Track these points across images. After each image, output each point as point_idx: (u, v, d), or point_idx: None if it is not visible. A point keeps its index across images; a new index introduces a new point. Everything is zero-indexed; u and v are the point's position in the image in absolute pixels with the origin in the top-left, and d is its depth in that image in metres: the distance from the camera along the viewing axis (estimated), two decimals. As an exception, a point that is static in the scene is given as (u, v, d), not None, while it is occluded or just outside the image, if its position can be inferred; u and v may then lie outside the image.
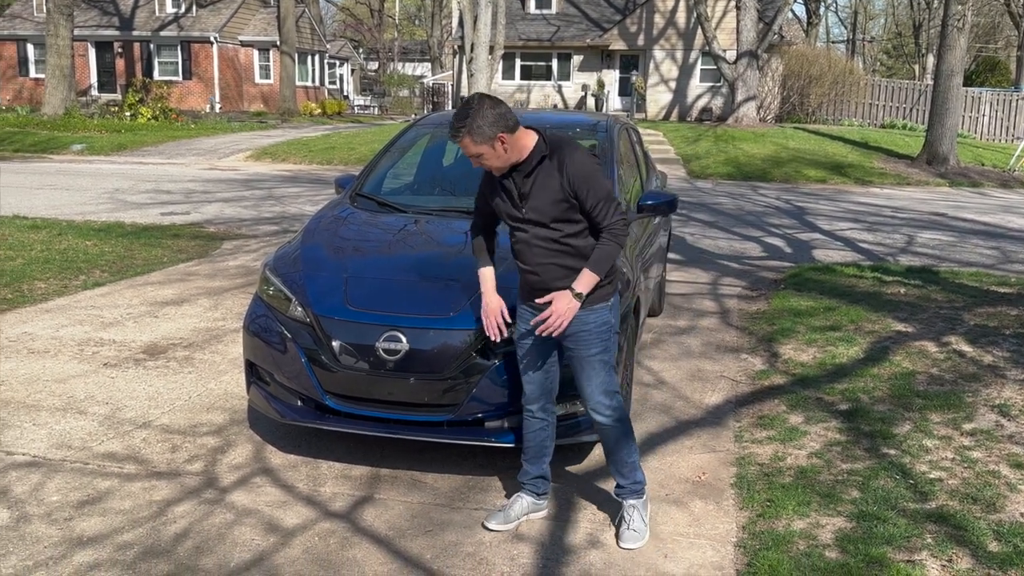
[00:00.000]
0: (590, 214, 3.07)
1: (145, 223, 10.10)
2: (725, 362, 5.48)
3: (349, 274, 3.87)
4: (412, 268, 3.93)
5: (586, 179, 3.03)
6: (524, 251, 3.16)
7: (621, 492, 3.38)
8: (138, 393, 4.72)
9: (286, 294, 3.87)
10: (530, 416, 3.40)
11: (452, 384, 3.51)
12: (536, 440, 3.44)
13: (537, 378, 3.32)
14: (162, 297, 6.71)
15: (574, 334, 3.17)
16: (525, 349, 3.30)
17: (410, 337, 3.52)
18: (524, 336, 3.30)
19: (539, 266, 3.13)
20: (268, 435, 4.23)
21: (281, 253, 4.27)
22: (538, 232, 3.11)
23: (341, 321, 3.62)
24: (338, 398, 3.65)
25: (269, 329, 3.85)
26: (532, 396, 3.35)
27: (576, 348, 3.18)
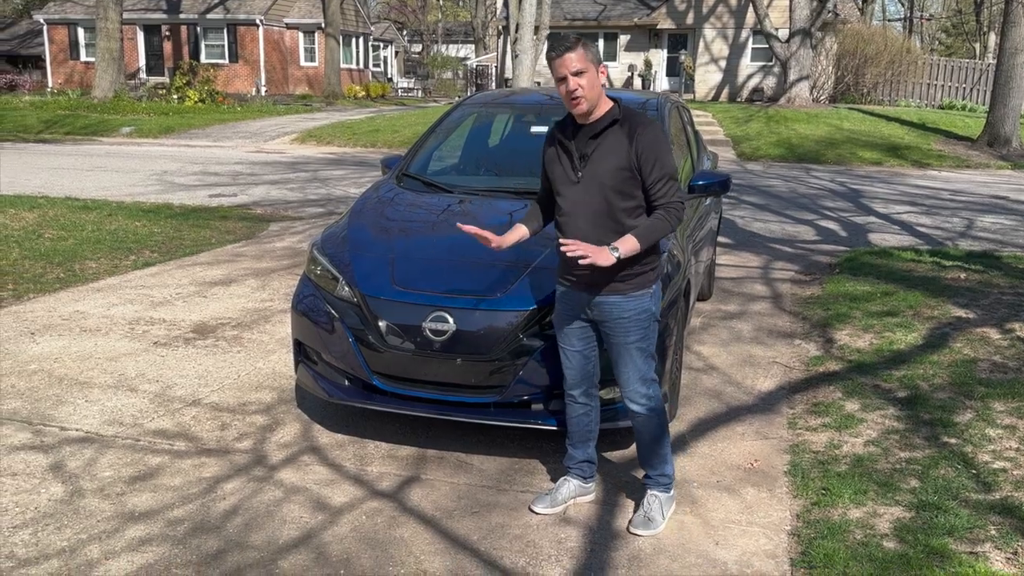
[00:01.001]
0: (649, 190, 3.01)
1: (193, 204, 10.27)
2: (777, 348, 5.41)
3: (396, 254, 3.91)
4: (458, 248, 3.94)
5: (655, 151, 2.98)
6: (570, 222, 3.09)
7: (648, 482, 3.37)
8: (188, 372, 4.80)
9: (333, 274, 3.90)
10: (572, 401, 3.39)
11: (499, 366, 3.53)
12: (580, 425, 3.43)
13: (576, 363, 3.30)
14: (210, 277, 6.81)
15: (612, 320, 3.14)
16: (563, 333, 3.28)
17: (457, 318, 3.54)
18: (562, 319, 3.28)
19: (583, 239, 3.06)
20: (315, 414, 4.27)
21: (328, 233, 4.31)
22: (590, 201, 3.05)
23: (388, 301, 3.65)
24: (385, 378, 3.68)
25: (316, 309, 3.89)
26: (573, 381, 3.34)
27: (614, 335, 3.15)
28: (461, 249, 3.92)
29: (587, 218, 3.06)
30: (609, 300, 3.11)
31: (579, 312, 3.21)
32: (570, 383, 3.34)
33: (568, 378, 3.34)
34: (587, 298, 3.15)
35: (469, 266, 3.80)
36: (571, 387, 3.35)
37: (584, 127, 3.05)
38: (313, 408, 4.33)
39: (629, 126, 3.01)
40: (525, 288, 3.61)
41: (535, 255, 3.79)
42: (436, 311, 3.56)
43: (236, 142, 18.78)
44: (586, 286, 3.11)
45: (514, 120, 5.38)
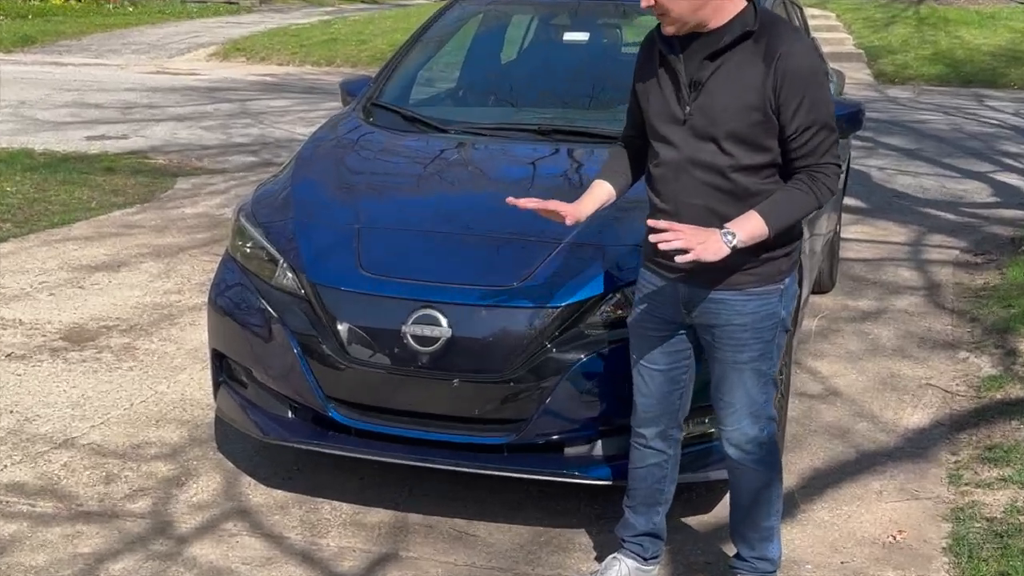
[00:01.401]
0: (791, 140, 2.95)
1: (64, 151, 10.29)
2: (934, 363, 5.38)
3: (363, 224, 3.93)
4: (456, 216, 3.96)
5: (805, 84, 2.93)
6: (667, 178, 3.09)
7: (740, 567, 3.39)
8: (56, 398, 4.82)
9: (270, 253, 3.93)
10: (640, 445, 3.41)
11: (516, 390, 3.56)
12: (647, 480, 3.45)
13: (657, 388, 3.31)
14: (90, 259, 6.84)
15: (722, 327, 3.12)
16: (642, 339, 3.30)
17: (453, 318, 3.55)
18: (642, 322, 3.29)
19: (682, 205, 3.06)
20: (245, 461, 4.29)
21: (262, 194, 4.34)
22: (699, 151, 3.01)
23: (351, 294, 3.68)
24: (347, 408, 3.71)
25: (245, 305, 3.93)
26: (647, 415, 3.36)
27: (722, 348, 3.16)
28: (460, 217, 3.93)
29: (693, 176, 3.03)
30: (721, 297, 3.10)
31: (672, 313, 3.20)
32: (642, 418, 3.37)
33: (640, 410, 3.36)
34: (687, 292, 3.13)
35: (472, 242, 3.84)
36: (642, 423, 3.37)
37: (699, 38, 2.98)
38: (241, 452, 4.36)
39: (768, 42, 2.93)
40: (555, 274, 3.63)
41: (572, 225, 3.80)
42: (423, 308, 3.58)
43: (127, 58, 18.83)
44: (688, 274, 3.09)
45: (539, 23, 5.42)
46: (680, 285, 3.13)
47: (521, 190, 4.04)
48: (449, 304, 3.58)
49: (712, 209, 3.01)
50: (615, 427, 3.55)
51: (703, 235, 2.88)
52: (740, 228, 2.92)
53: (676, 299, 3.17)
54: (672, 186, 3.07)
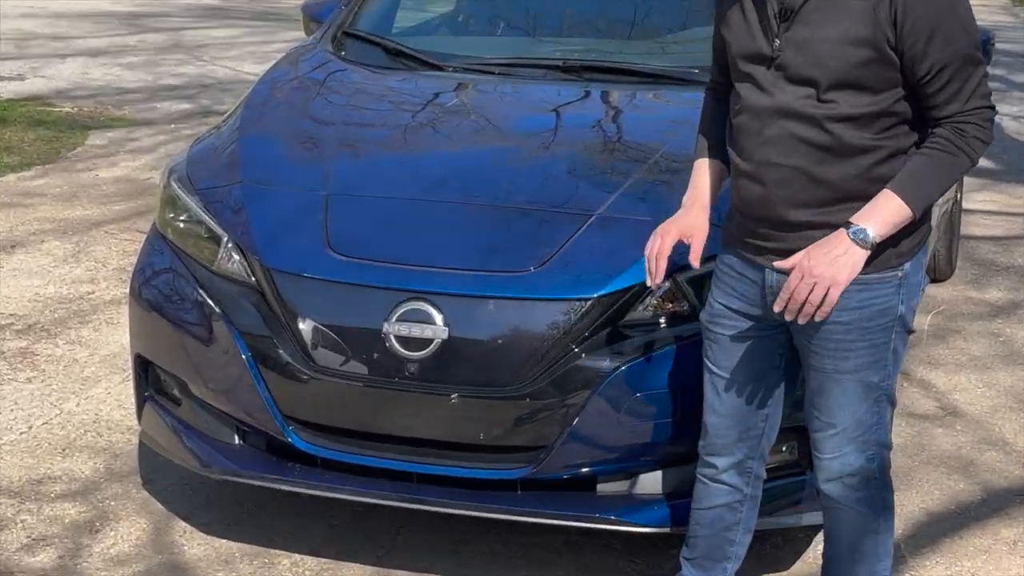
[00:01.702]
0: (924, 84, 2.91)
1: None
2: (1087, 375, 5.37)
3: (332, 190, 3.97)
4: (455, 180, 3.98)
5: (935, 9, 2.90)
6: (750, 130, 3.09)
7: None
8: (-69, 418, 4.82)
9: (211, 229, 3.95)
10: (708, 479, 3.42)
11: (533, 407, 3.57)
12: (715, 526, 3.45)
13: (735, 404, 3.32)
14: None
15: (822, 324, 3.08)
16: (719, 341, 3.31)
17: (450, 314, 3.56)
18: (719, 319, 3.30)
19: (767, 166, 3.05)
20: (178, 501, 4.29)
21: (201, 152, 4.37)
22: (791, 96, 3.02)
23: (317, 282, 3.70)
24: (312, 432, 3.72)
25: (179, 298, 3.95)
26: (720, 440, 3.37)
27: (821, 351, 3.15)
28: (461, 180, 3.97)
29: (783, 129, 3.03)
30: None
31: (759, 307, 3.21)
32: (714, 444, 3.37)
33: (711, 433, 3.36)
34: (779, 281, 3.08)
35: (476, 214, 3.88)
36: (713, 450, 3.38)
37: None
38: (174, 489, 4.36)
39: None
40: (585, 255, 3.66)
41: (605, 190, 3.83)
42: (411, 301, 3.58)
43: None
44: (778, 256, 3.08)
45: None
46: (769, 272, 3.12)
47: (540, 146, 4.12)
48: (445, 295, 3.58)
49: (805, 171, 3.00)
50: (667, 456, 3.58)
51: (824, 259, 2.90)
52: (872, 219, 2.92)
53: (764, 289, 3.16)
54: (755, 141, 3.06)
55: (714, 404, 3.33)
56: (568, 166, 3.78)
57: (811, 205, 3.01)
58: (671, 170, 3.53)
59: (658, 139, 4.16)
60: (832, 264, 2.89)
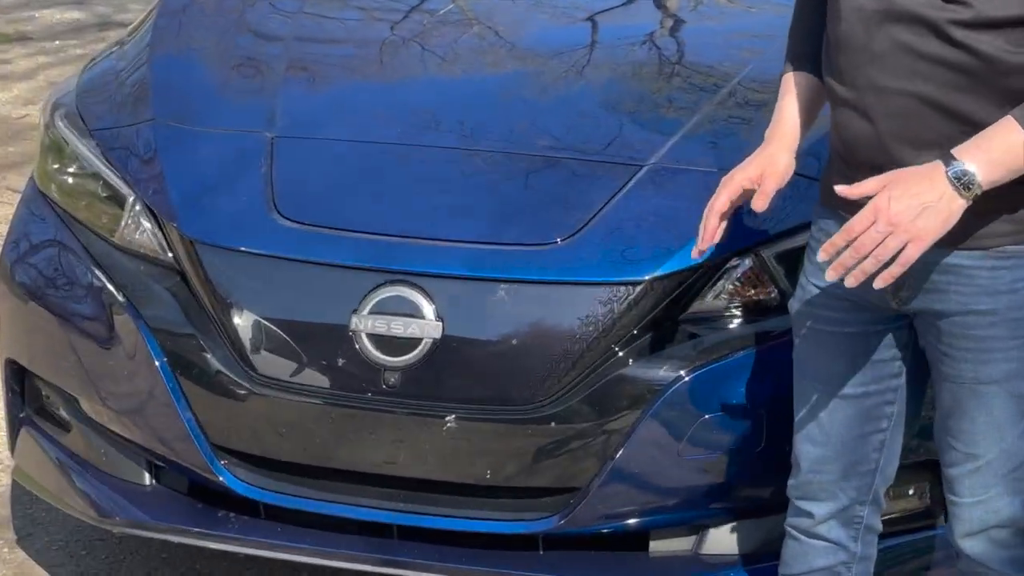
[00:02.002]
0: None
1: None
2: None
3: (279, 131, 3.96)
4: (452, 118, 4.04)
5: None
6: (852, 46, 3.05)
7: None
8: None
9: (111, 185, 3.94)
10: (803, 532, 3.38)
11: (560, 434, 3.54)
12: None
13: (839, 427, 3.27)
14: None
15: (954, 315, 3.09)
16: (816, 340, 3.28)
17: (445, 303, 3.54)
18: (816, 306, 3.26)
19: (875, 92, 3.01)
20: (67, 565, 4.34)
21: (96, 78, 4.41)
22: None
23: (260, 260, 3.69)
24: (251, 468, 3.71)
25: (66, 281, 3.93)
26: (818, 477, 3.33)
27: (954, 353, 3.11)
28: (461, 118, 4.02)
29: (895, 41, 3.00)
30: (953, 263, 3.05)
31: (870, 294, 3.14)
32: (808, 482, 3.34)
33: (805, 466, 3.32)
34: None
35: (480, 166, 3.88)
36: (809, 493, 3.34)
37: None
38: (60, 549, 4.40)
39: None
40: (628, 223, 3.64)
41: (658, 134, 3.80)
42: (389, 285, 3.55)
43: None
44: None
45: None
46: None
47: (569, 70, 4.10)
48: (438, 278, 3.56)
49: (928, 100, 2.95)
50: (748, 503, 3.57)
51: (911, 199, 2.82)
52: (980, 156, 2.84)
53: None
54: (859, 59, 3.02)
55: (809, 428, 3.28)
56: (609, 98, 3.77)
57: (936, 147, 2.95)
58: (753, 103, 3.54)
59: (735, 60, 4.17)
60: (920, 213, 2.83)
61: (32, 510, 4.44)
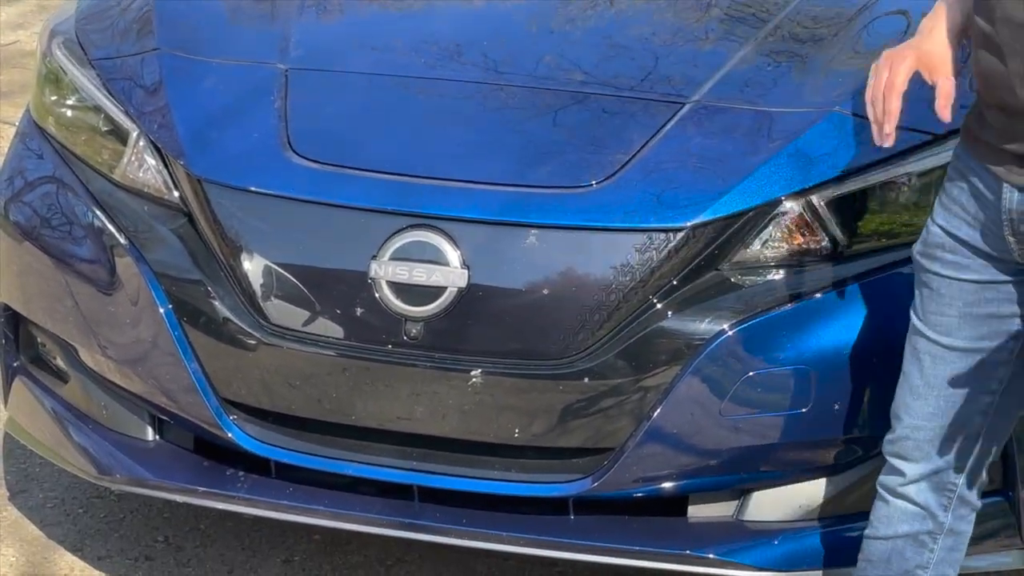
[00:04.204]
0: None
1: None
2: None
3: (292, 62, 3.83)
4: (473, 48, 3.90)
5: None
6: None
7: None
8: None
9: (113, 118, 3.79)
10: (891, 491, 3.17)
11: (594, 391, 3.36)
12: (893, 566, 3.20)
13: (943, 384, 3.04)
14: None
15: None
16: (933, 286, 3.07)
17: (470, 249, 3.37)
18: (940, 248, 3.04)
19: (1014, 30, 2.78)
20: (63, 524, 4.23)
21: (97, 2, 4.29)
22: None
23: (273, 200, 3.52)
24: (261, 423, 3.56)
25: (65, 221, 3.79)
26: (917, 433, 3.12)
27: None
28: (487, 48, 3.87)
29: None
30: None
31: (995, 243, 2.98)
32: (905, 439, 3.15)
33: (905, 420, 3.13)
34: (1019, 203, 2.89)
35: (509, 100, 3.73)
36: (904, 451, 3.16)
37: None
38: (56, 506, 4.31)
39: None
40: (668, 165, 3.45)
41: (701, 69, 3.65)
42: (412, 229, 3.37)
43: None
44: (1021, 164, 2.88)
45: None
46: (1009, 189, 2.89)
47: None
48: (463, 221, 3.38)
49: None
50: (795, 466, 3.40)
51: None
52: None
53: (1001, 213, 2.88)
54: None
55: (913, 379, 3.06)
56: (647, 30, 3.63)
57: None
58: (802, 38, 3.41)
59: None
60: None
61: (26, 465, 4.33)
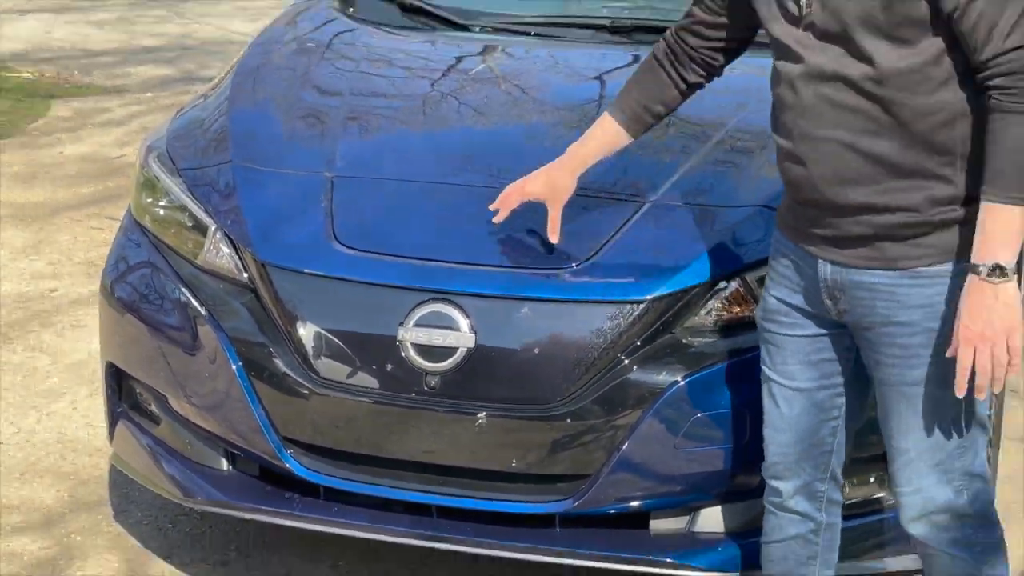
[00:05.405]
0: (957, 20, 2.92)
1: None
2: None
3: (337, 171, 3.99)
4: (483, 161, 4.05)
5: None
6: (788, 104, 3.13)
7: None
8: None
9: (196, 217, 3.98)
10: (776, 507, 3.43)
11: (575, 429, 3.58)
12: (788, 561, 3.46)
13: (797, 416, 3.33)
14: (-81, 224, 6.89)
15: (880, 327, 3.11)
16: (773, 346, 3.34)
17: (477, 318, 3.58)
18: (774, 316, 3.32)
19: (811, 143, 3.07)
20: (156, 537, 4.32)
21: (184, 126, 4.40)
22: (827, 57, 3.06)
23: (321, 280, 3.72)
24: (314, 456, 3.74)
25: (158, 297, 3.98)
26: (782, 459, 3.38)
27: (884, 360, 3.16)
28: (490, 160, 4.00)
29: (823, 97, 3.06)
30: (869, 279, 3.12)
31: (816, 303, 3.24)
32: (776, 464, 3.39)
33: (772, 451, 3.38)
34: (831, 273, 3.16)
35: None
36: (777, 473, 3.40)
37: None
38: (150, 523, 4.39)
39: None
40: (635, 251, 3.68)
41: (662, 174, 3.86)
42: (430, 302, 3.60)
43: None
44: (830, 245, 3.13)
45: None
46: (823, 263, 3.14)
47: (581, 120, 4.05)
48: (472, 296, 3.60)
49: (855, 146, 3.02)
50: (735, 487, 3.59)
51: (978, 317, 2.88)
52: (991, 246, 2.88)
53: (819, 283, 3.18)
54: (792, 114, 3.10)
55: (773, 417, 3.34)
56: None
57: (862, 183, 3.03)
58: (740, 149, 3.58)
59: (723, 113, 4.12)
60: (989, 317, 2.89)
61: (127, 490, 4.45)
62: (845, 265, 3.10)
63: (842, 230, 3.07)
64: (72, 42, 11.26)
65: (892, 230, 3.03)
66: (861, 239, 3.06)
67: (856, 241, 3.07)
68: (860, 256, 3.08)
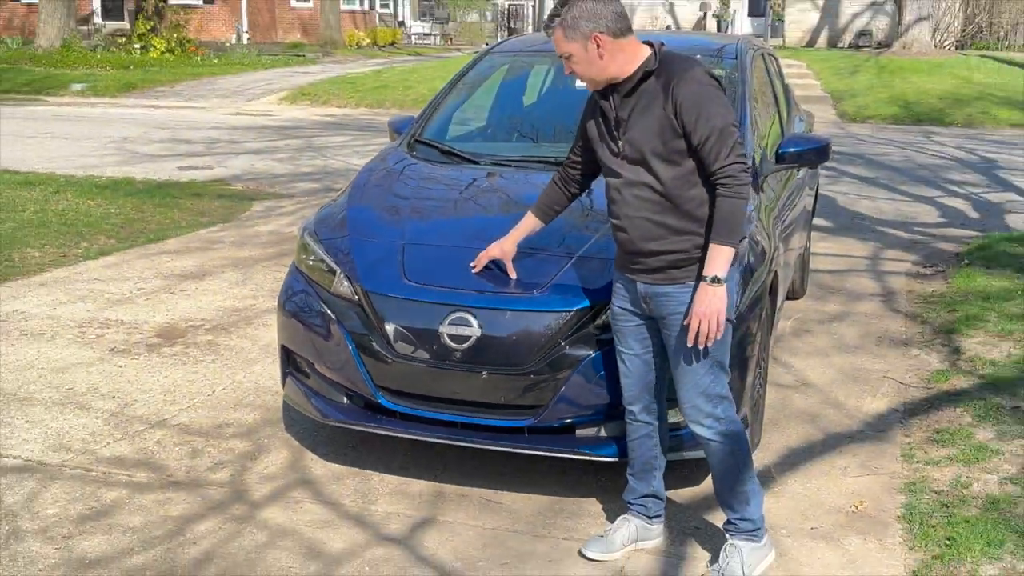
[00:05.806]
0: (699, 150, 3.05)
1: (159, 179, 10.39)
2: (890, 359, 5.34)
3: (407, 240, 3.96)
4: (486, 233, 3.95)
5: (697, 103, 3.01)
6: (615, 200, 3.21)
7: (728, 528, 3.35)
8: (151, 386, 4.85)
9: (329, 265, 3.95)
10: (631, 420, 3.42)
11: (535, 380, 3.56)
12: (641, 450, 3.45)
13: (635, 369, 3.34)
14: (180, 269, 6.89)
15: (669, 316, 3.19)
16: (620, 332, 3.35)
17: (482, 320, 3.58)
18: (617, 316, 3.35)
19: (628, 220, 3.16)
20: (308, 439, 4.31)
21: (323, 215, 4.36)
22: (633, 173, 3.13)
23: (396, 299, 3.71)
24: (392, 395, 3.74)
25: (309, 308, 3.95)
26: (632, 393, 3.38)
27: (669, 334, 3.21)
28: (489, 234, 3.92)
29: (633, 195, 3.15)
30: (662, 290, 3.17)
31: (635, 306, 3.29)
32: (628, 396, 3.39)
33: (626, 389, 3.39)
34: (644, 289, 3.23)
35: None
36: (630, 401, 3.40)
37: (617, 86, 3.12)
38: (305, 432, 4.37)
39: (665, 76, 3.06)
40: (569, 282, 3.63)
41: (582, 240, 3.82)
42: (456, 312, 3.59)
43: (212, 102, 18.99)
44: (641, 273, 3.21)
45: (555, 72, 5.35)
46: (640, 283, 3.22)
47: None
48: (479, 308, 3.59)
49: (652, 219, 3.11)
50: (618, 412, 3.53)
51: (704, 304, 3.04)
52: (714, 266, 3.04)
53: (636, 294, 3.25)
54: (619, 205, 3.19)
55: (624, 371, 3.38)
56: (561, 223, 3.72)
57: (657, 239, 3.12)
58: None
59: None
60: (711, 304, 3.05)
61: (291, 414, 4.43)
62: (651, 283, 3.19)
63: (648, 265, 3.17)
64: (264, 169, 11.33)
65: (674, 263, 3.14)
66: (658, 269, 3.16)
67: (655, 271, 3.17)
68: (658, 278, 3.18)
